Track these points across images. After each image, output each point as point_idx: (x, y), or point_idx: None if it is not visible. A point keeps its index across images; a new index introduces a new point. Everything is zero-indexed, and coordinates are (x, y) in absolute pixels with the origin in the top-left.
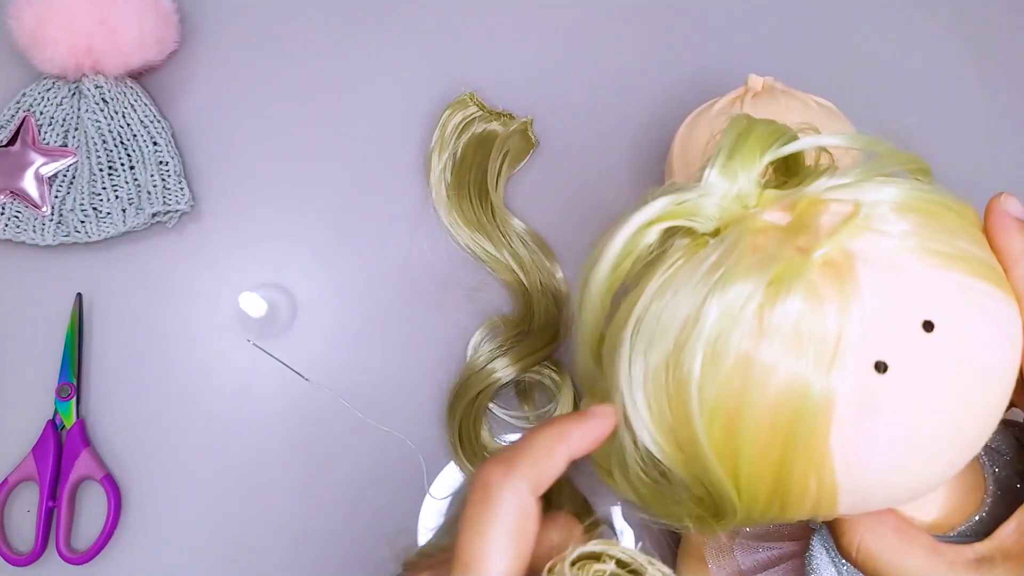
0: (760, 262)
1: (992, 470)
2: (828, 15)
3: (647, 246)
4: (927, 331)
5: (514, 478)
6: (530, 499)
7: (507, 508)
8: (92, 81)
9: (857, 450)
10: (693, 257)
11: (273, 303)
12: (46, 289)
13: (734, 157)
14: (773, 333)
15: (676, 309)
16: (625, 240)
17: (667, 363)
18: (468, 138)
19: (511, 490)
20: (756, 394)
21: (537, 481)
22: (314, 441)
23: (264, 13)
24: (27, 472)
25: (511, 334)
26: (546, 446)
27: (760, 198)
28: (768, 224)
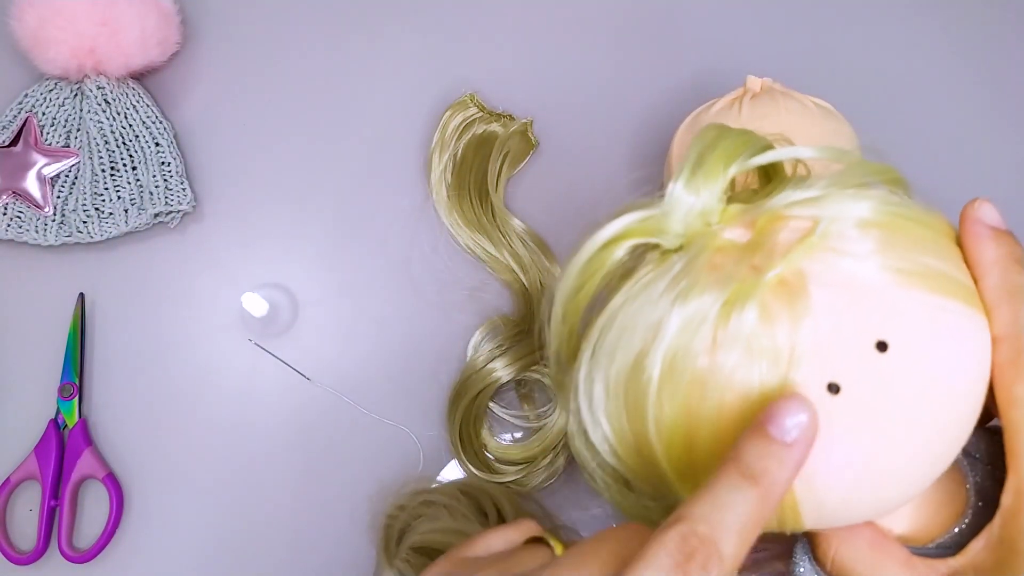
0: (716, 281)
1: (974, 480)
2: (827, 16)
3: (617, 261)
4: (881, 351)
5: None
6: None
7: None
8: (94, 82)
9: (815, 470)
10: (658, 270)
11: (274, 303)
12: (48, 289)
13: (697, 172)
14: (728, 350)
15: (637, 322)
16: (588, 257)
17: (627, 376)
18: (468, 139)
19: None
20: (712, 409)
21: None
22: (315, 440)
23: (265, 14)
24: (29, 471)
25: (511, 334)
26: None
27: (723, 214)
28: (727, 242)
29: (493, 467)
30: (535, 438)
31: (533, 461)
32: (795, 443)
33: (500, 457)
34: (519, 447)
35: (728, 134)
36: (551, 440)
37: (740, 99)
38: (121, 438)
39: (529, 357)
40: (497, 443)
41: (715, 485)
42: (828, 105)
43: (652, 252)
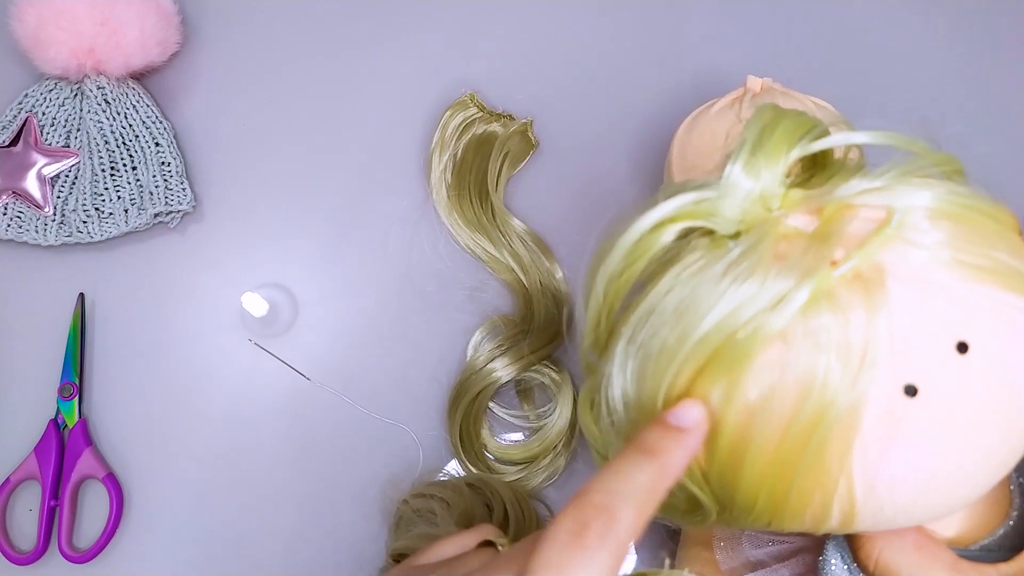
0: (783, 271)
1: (1019, 481)
2: (827, 16)
3: (664, 245)
4: (961, 353)
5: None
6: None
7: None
8: (94, 82)
9: (881, 474)
10: (711, 260)
11: (274, 303)
12: (48, 289)
13: (758, 153)
14: (793, 343)
15: (690, 307)
16: (637, 238)
17: (671, 357)
18: (468, 139)
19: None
20: (771, 402)
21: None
22: (315, 440)
23: (266, 14)
24: (29, 471)
25: (511, 334)
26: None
27: (785, 199)
28: (793, 230)
29: (493, 467)
30: (535, 438)
31: (533, 461)
32: (691, 429)
33: (500, 457)
34: (519, 447)
35: (786, 115)
36: (551, 440)
37: (740, 99)
38: (121, 438)
39: (529, 357)
40: (497, 443)
41: (614, 462)
42: (828, 105)
43: (701, 238)
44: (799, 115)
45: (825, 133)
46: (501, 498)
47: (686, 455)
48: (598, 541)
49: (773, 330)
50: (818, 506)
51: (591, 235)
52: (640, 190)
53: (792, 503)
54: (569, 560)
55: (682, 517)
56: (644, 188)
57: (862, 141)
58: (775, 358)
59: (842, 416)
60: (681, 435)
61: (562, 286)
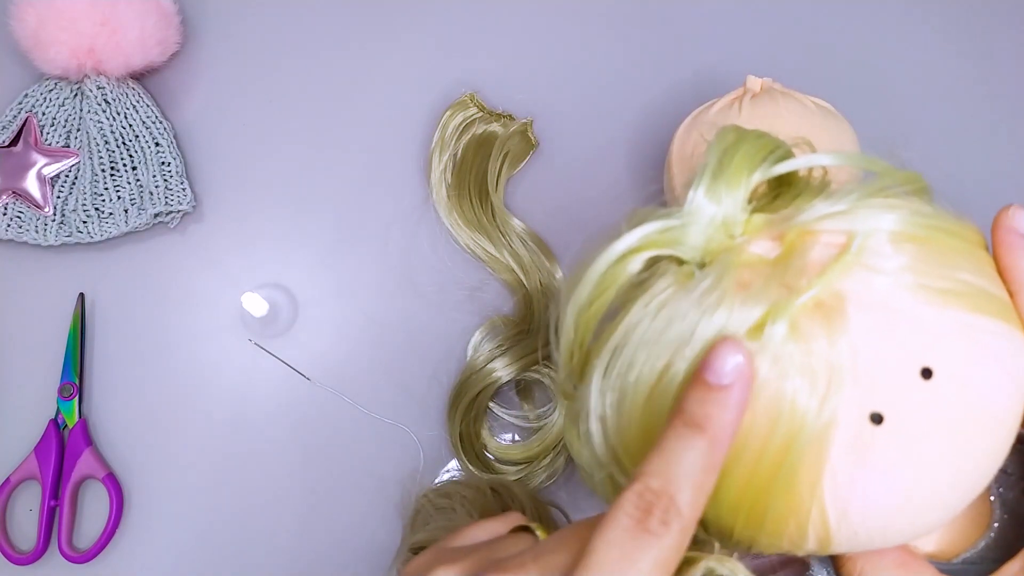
0: (747, 301)
1: (998, 491)
2: (827, 16)
3: (631, 274)
4: (925, 379)
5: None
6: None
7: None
8: (94, 82)
9: (852, 501)
10: (679, 290)
11: (274, 303)
12: (48, 289)
13: (719, 178)
14: (761, 371)
15: (661, 338)
16: (604, 268)
17: (649, 390)
18: (468, 139)
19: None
20: (744, 430)
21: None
22: (315, 440)
23: (266, 14)
24: (29, 471)
25: (511, 334)
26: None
27: (747, 225)
28: (755, 257)
29: (493, 467)
30: (535, 438)
31: (533, 461)
32: (733, 384)
33: (500, 457)
34: (519, 447)
35: (747, 137)
36: (551, 440)
37: (740, 99)
38: (121, 438)
39: (529, 357)
40: (497, 443)
41: (664, 441)
42: (828, 105)
43: (669, 264)
44: (760, 136)
45: (788, 155)
46: (521, 504)
47: (736, 415)
48: (662, 527)
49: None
50: (794, 531)
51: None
52: (640, 190)
53: (768, 528)
54: (634, 545)
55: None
56: (644, 188)
57: (824, 163)
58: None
59: (811, 442)
60: (725, 395)
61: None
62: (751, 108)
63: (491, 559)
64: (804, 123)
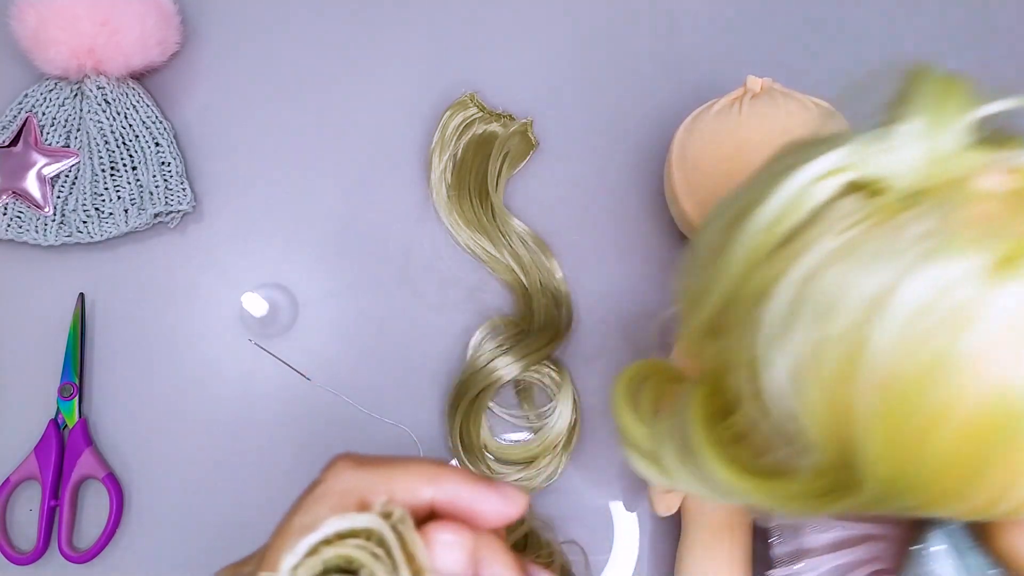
0: (983, 236)
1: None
2: (827, 16)
3: (821, 201)
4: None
5: (353, 480)
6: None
7: (328, 502)
8: (94, 82)
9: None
10: (887, 222)
11: (274, 303)
12: (48, 289)
13: (939, 106)
14: (990, 323)
15: (862, 279)
16: (795, 192)
17: (842, 339)
18: (468, 139)
19: (341, 489)
20: (955, 392)
21: (375, 496)
22: (315, 440)
23: (265, 14)
24: (29, 471)
25: (511, 334)
26: (412, 480)
27: (969, 158)
28: (989, 191)
29: (493, 467)
30: (535, 438)
31: (533, 461)
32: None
33: (500, 457)
34: (519, 447)
35: (955, 74)
36: (551, 440)
37: (740, 99)
38: (121, 438)
39: (529, 357)
40: (497, 443)
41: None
42: (828, 105)
43: (859, 197)
44: (961, 76)
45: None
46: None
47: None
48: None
49: (963, 305)
50: (995, 497)
51: (591, 235)
52: (640, 190)
53: (975, 486)
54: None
55: (807, 502)
56: (644, 188)
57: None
58: (961, 337)
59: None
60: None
61: (562, 286)
62: (751, 108)
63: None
64: (804, 123)
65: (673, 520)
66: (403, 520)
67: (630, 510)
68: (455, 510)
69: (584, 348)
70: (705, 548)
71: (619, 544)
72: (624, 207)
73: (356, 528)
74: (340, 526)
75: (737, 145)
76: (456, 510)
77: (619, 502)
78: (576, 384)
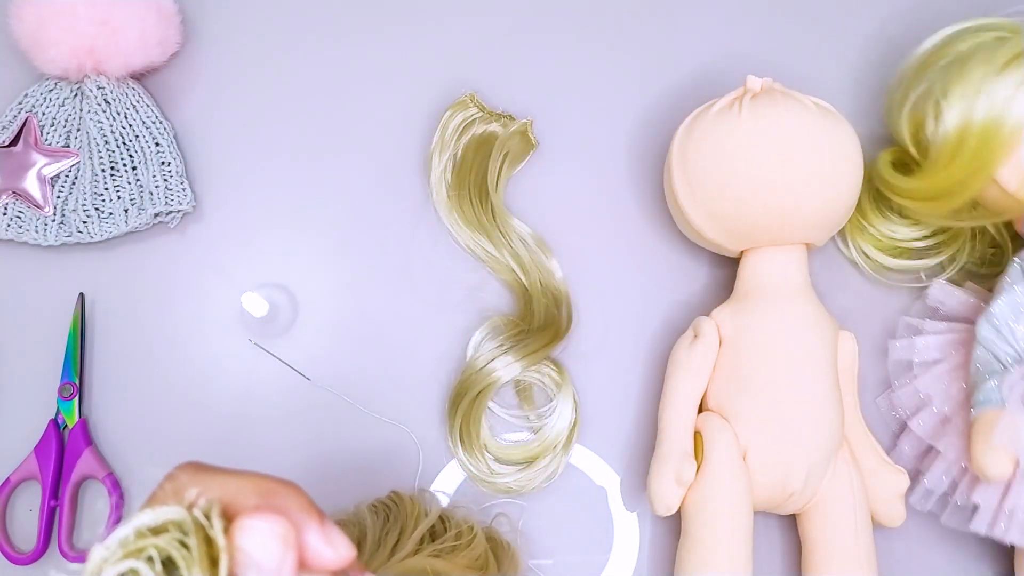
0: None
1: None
2: (827, 16)
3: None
4: None
5: (186, 484)
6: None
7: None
8: (94, 82)
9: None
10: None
11: (274, 303)
12: (48, 289)
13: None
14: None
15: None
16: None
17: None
18: (468, 139)
19: (172, 491)
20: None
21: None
22: (315, 440)
23: (265, 14)
24: (29, 471)
25: (511, 334)
26: (242, 489)
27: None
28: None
29: (493, 467)
30: (535, 438)
31: (533, 461)
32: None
33: (500, 457)
34: (519, 447)
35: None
36: (551, 440)
37: (740, 99)
38: (121, 438)
39: (529, 357)
40: (497, 443)
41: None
42: (828, 105)
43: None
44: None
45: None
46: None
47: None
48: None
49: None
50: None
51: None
52: (639, 190)
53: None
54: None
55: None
56: (643, 188)
57: None
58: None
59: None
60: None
61: (562, 286)
62: (751, 108)
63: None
64: (804, 123)
65: (673, 520)
66: (207, 510)
67: (630, 510)
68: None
69: (584, 348)
70: (705, 548)
71: (619, 544)
72: (624, 207)
73: (165, 520)
74: (148, 519)
75: (737, 145)
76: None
77: (619, 502)
78: (576, 384)
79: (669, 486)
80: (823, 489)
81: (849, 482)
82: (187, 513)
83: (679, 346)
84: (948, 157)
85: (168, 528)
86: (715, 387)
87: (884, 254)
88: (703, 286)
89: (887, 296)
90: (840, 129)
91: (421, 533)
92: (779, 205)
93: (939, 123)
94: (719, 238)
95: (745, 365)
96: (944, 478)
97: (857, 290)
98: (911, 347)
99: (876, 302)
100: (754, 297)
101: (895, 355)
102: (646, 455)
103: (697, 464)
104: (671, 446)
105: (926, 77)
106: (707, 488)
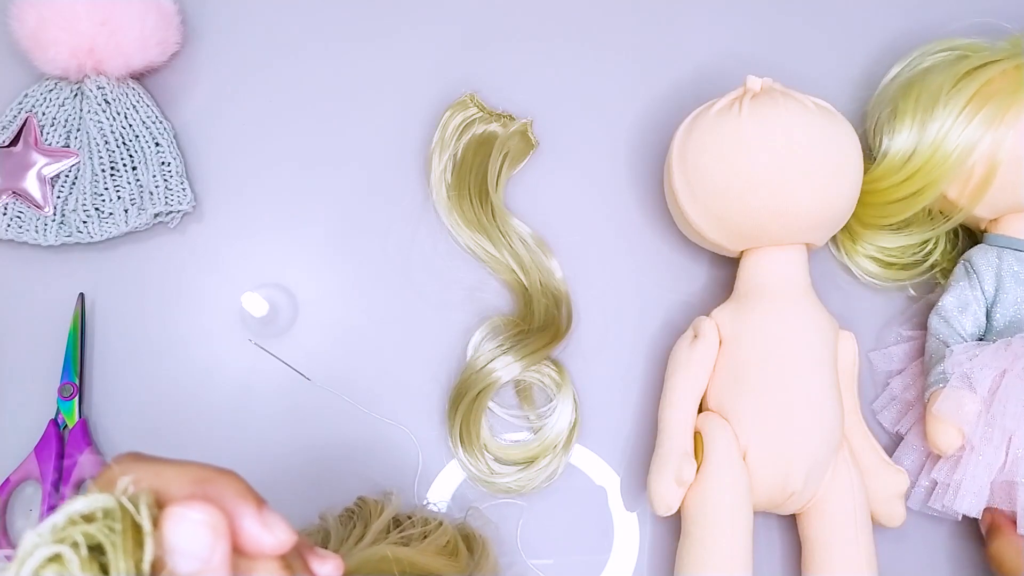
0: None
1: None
2: (827, 16)
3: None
4: None
5: (126, 472)
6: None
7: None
8: (94, 82)
9: None
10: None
11: (274, 303)
12: (48, 289)
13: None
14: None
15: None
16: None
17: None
18: (468, 139)
19: (111, 480)
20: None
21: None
22: (315, 440)
23: (265, 14)
24: (29, 471)
25: (511, 334)
26: (178, 478)
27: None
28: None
29: (493, 467)
30: (535, 438)
31: (533, 461)
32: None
33: (500, 457)
34: (519, 447)
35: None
36: (551, 440)
37: (740, 99)
38: (121, 438)
39: (529, 357)
40: (497, 443)
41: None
42: (828, 105)
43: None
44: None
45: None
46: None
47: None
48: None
49: None
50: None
51: (591, 235)
52: (639, 190)
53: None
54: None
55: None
56: (643, 188)
57: None
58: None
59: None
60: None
61: (562, 286)
62: (751, 108)
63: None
64: (804, 123)
65: (673, 520)
66: (135, 498)
67: (630, 510)
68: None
69: (584, 348)
70: (705, 548)
71: (619, 544)
72: (624, 207)
73: (96, 508)
74: (80, 506)
75: (737, 145)
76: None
77: (619, 502)
78: (576, 384)
79: (669, 486)
80: (823, 489)
81: (849, 482)
82: (116, 500)
83: (679, 346)
84: (896, 177)
85: (98, 515)
86: (715, 387)
87: (874, 262)
88: (703, 286)
89: (888, 297)
90: (840, 129)
91: (384, 523)
92: (779, 205)
93: (892, 141)
94: (719, 238)
95: (745, 365)
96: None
97: (858, 291)
98: (889, 357)
99: (876, 303)
100: (754, 297)
101: (879, 366)
102: (646, 455)
103: (697, 464)
104: (671, 446)
105: (890, 97)
106: (707, 488)
